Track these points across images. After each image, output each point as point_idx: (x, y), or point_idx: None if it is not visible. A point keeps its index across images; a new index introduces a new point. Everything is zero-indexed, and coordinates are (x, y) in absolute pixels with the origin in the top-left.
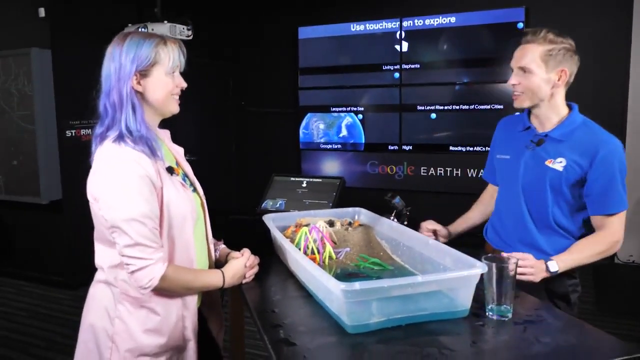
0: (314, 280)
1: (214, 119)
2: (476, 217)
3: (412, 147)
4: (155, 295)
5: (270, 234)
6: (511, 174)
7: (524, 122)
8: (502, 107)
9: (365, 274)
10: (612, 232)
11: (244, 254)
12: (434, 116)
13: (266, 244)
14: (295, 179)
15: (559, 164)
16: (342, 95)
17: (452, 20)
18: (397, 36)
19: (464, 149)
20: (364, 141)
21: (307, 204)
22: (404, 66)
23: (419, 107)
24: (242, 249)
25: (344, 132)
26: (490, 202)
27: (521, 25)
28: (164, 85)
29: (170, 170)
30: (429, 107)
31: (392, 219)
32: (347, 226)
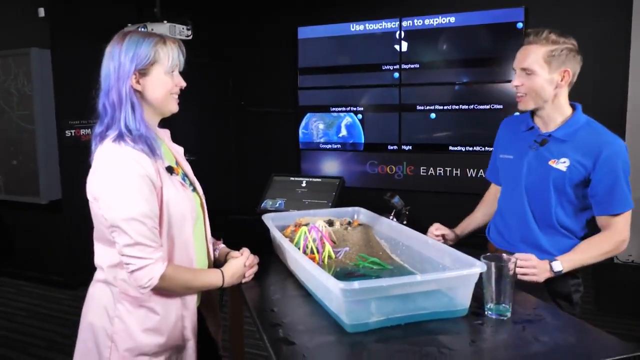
0: (313, 279)
1: (213, 119)
2: (481, 218)
3: (411, 147)
4: (154, 294)
5: (269, 234)
6: (514, 174)
7: (528, 122)
8: (501, 107)
9: (364, 274)
10: (618, 232)
11: (243, 253)
12: (434, 116)
13: (266, 244)
14: (294, 178)
15: (562, 164)
16: (342, 95)
17: (452, 20)
18: (397, 36)
19: (464, 149)
20: (363, 141)
21: (307, 203)
22: (404, 66)
23: (419, 107)
24: (242, 249)
25: (344, 132)
26: (493, 202)
27: (520, 25)
28: (163, 84)
29: (170, 169)
30: (428, 107)
31: (391, 218)
32: (346, 226)
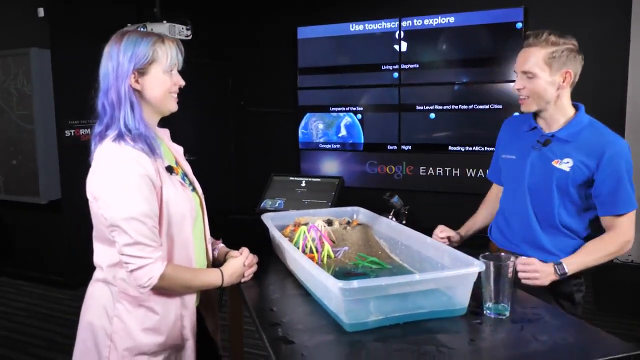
0: (313, 278)
1: (213, 119)
2: (484, 218)
3: (411, 147)
4: (154, 294)
5: (269, 233)
6: (517, 174)
7: (530, 123)
8: (501, 106)
9: (363, 273)
10: (622, 232)
11: (242, 252)
12: (433, 116)
13: (265, 243)
14: (294, 178)
15: (566, 164)
16: (341, 95)
17: (451, 20)
18: (396, 36)
19: (463, 149)
20: (363, 141)
21: (306, 203)
22: (403, 66)
23: (418, 107)
24: (241, 248)
25: (343, 132)
26: (495, 203)
27: (520, 25)
28: (162, 83)
29: (169, 169)
30: (428, 107)
31: (390, 218)
32: (345, 225)
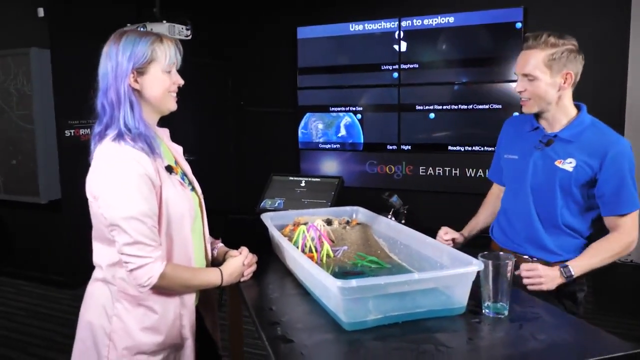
0: (312, 278)
1: (213, 118)
2: (486, 218)
3: (410, 147)
4: (153, 293)
5: (268, 233)
6: (520, 174)
7: (532, 123)
8: (500, 106)
9: (362, 272)
10: (626, 233)
11: (242, 252)
12: (433, 116)
13: (264, 243)
14: (294, 178)
15: (568, 164)
16: (341, 95)
17: (451, 20)
18: (396, 36)
19: (463, 149)
20: (362, 141)
21: (306, 203)
22: (403, 66)
23: (418, 107)
24: (240, 248)
25: (343, 132)
26: (496, 202)
27: (519, 25)
28: (161, 82)
29: (169, 169)
30: (427, 107)
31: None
32: (344, 225)
